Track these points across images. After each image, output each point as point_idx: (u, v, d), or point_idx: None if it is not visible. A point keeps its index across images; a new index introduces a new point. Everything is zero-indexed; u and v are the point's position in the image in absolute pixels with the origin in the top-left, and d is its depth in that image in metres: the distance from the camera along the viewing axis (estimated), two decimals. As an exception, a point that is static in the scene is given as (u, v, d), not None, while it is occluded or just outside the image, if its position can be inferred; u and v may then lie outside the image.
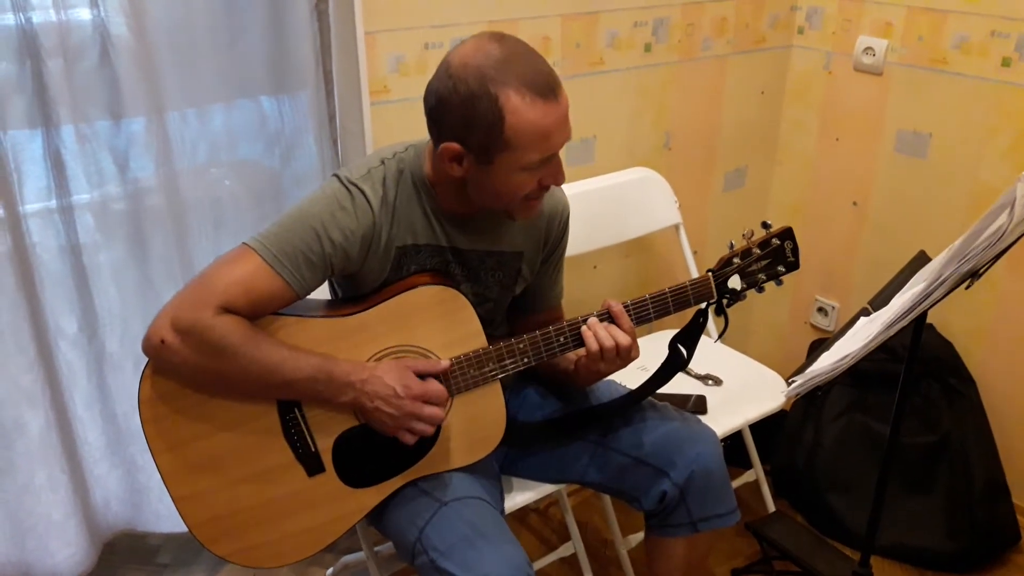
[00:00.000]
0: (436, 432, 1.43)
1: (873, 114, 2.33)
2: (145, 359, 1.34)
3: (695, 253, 2.24)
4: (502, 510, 1.52)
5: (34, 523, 1.72)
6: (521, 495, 1.63)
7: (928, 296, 1.29)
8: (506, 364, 1.43)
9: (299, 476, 1.41)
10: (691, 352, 1.53)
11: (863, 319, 1.52)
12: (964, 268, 1.25)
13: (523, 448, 1.62)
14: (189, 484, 1.38)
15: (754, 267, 1.49)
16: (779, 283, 1.52)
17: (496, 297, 1.53)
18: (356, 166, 1.40)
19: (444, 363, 1.39)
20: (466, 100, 1.26)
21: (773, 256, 1.50)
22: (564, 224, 1.57)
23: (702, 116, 2.37)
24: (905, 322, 1.32)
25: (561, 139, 1.32)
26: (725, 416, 1.88)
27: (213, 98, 1.68)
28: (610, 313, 1.43)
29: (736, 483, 2.09)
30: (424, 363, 1.38)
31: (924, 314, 1.36)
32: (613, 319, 1.43)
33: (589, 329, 1.42)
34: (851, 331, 1.51)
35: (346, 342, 1.38)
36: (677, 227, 2.22)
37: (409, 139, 1.45)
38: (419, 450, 1.43)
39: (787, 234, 1.50)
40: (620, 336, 1.41)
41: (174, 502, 1.38)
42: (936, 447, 2.14)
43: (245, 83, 1.70)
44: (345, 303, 1.45)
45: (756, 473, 2.22)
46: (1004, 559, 2.19)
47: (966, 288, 1.32)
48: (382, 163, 1.41)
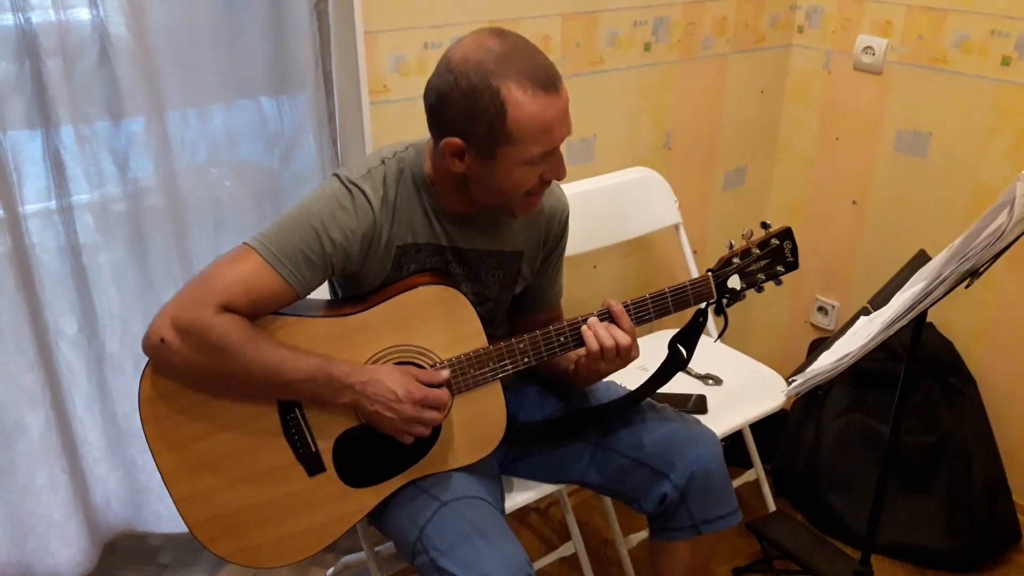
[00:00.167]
0: (436, 432, 1.43)
1: (873, 113, 2.33)
2: (145, 359, 1.34)
3: (695, 253, 2.24)
4: (502, 510, 1.51)
5: (35, 523, 1.72)
6: (521, 495, 1.63)
7: (928, 295, 1.29)
8: (506, 364, 1.43)
9: (299, 476, 1.41)
10: (691, 352, 1.53)
11: (863, 318, 1.52)
12: (964, 267, 1.25)
13: (523, 448, 1.62)
14: (189, 484, 1.38)
15: (753, 267, 1.49)
16: (778, 283, 1.52)
17: (496, 297, 1.53)
18: (356, 166, 1.40)
19: (444, 373, 1.39)
20: (468, 94, 1.26)
21: (772, 256, 1.50)
22: (564, 223, 1.57)
23: (702, 115, 2.37)
24: (905, 321, 1.32)
25: (562, 132, 1.32)
26: (725, 416, 1.88)
27: (213, 98, 1.68)
28: (610, 313, 1.43)
29: (736, 483, 2.08)
30: (426, 373, 1.38)
31: (924, 313, 1.36)
32: (613, 319, 1.43)
33: (589, 329, 1.42)
34: (851, 330, 1.51)
35: (346, 342, 1.38)
36: (677, 226, 2.22)
37: (409, 139, 1.45)
38: (419, 450, 1.43)
39: (786, 234, 1.50)
40: (620, 336, 1.41)
41: (174, 502, 1.38)
42: (936, 446, 2.14)
43: (245, 83, 1.70)
44: (345, 303, 1.45)
45: (756, 473, 2.22)
46: (1004, 558, 2.19)
47: (965, 287, 1.32)
48: (382, 163, 1.41)
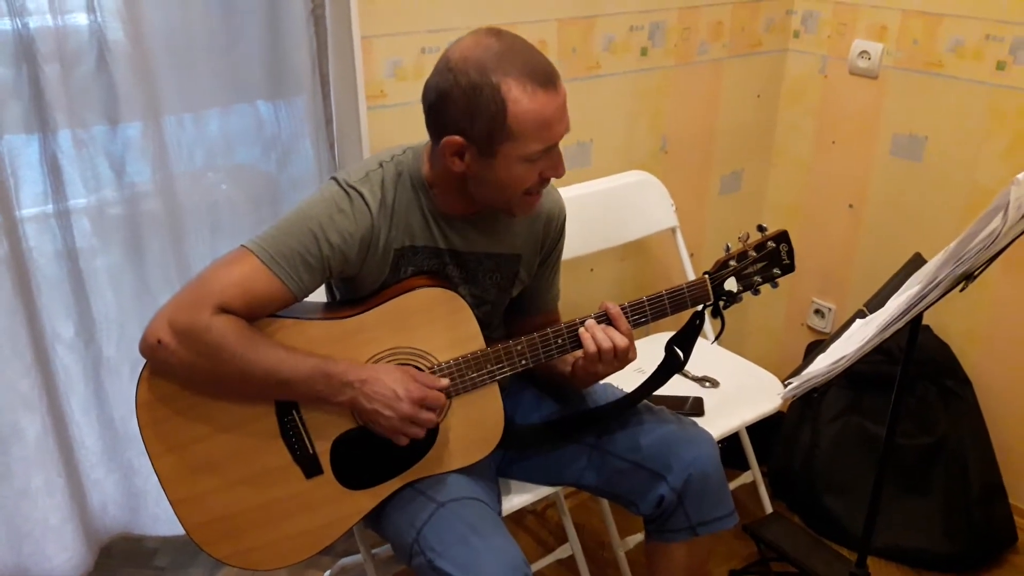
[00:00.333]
0: (434, 434, 1.43)
1: (869, 117, 2.34)
2: (142, 364, 1.34)
3: (692, 256, 2.25)
4: (499, 511, 1.52)
5: (31, 527, 1.72)
6: (518, 497, 1.63)
7: (923, 298, 1.29)
8: (504, 366, 1.43)
9: (297, 478, 1.41)
10: (687, 354, 1.53)
11: (859, 321, 1.52)
12: (959, 271, 1.25)
13: (520, 451, 1.62)
14: (187, 486, 1.38)
15: (750, 269, 1.50)
16: (774, 285, 1.53)
17: (494, 299, 1.54)
18: (354, 169, 1.41)
19: (444, 381, 1.39)
20: (468, 91, 1.27)
21: (769, 259, 1.50)
22: (561, 226, 1.58)
23: (698, 120, 2.37)
24: (900, 324, 1.33)
25: (561, 129, 1.33)
26: (722, 418, 1.89)
27: (210, 103, 1.68)
28: (608, 315, 1.44)
29: (733, 485, 2.09)
30: (426, 376, 1.38)
31: (920, 316, 1.37)
32: (611, 321, 1.44)
33: (587, 331, 1.42)
34: (847, 333, 1.51)
35: (344, 344, 1.38)
36: (674, 230, 2.22)
37: (406, 143, 1.45)
38: (417, 452, 1.43)
39: (782, 237, 1.51)
40: (618, 338, 1.42)
41: (172, 505, 1.38)
42: (933, 448, 2.14)
43: (242, 88, 1.70)
44: (343, 305, 1.45)
45: (753, 475, 2.22)
46: (1001, 560, 2.19)
47: (960, 291, 1.33)
48: (380, 166, 1.41)
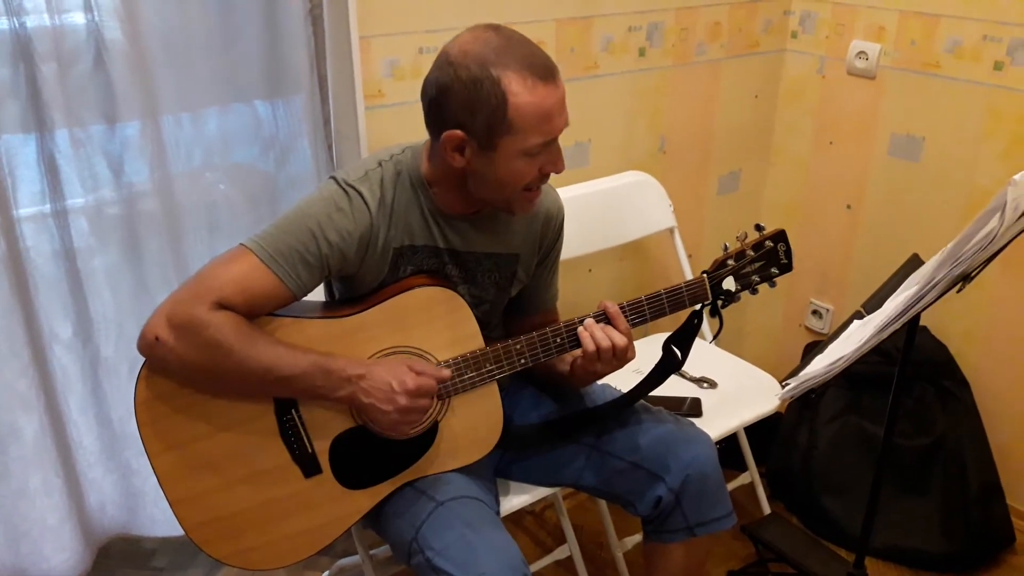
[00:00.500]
0: (433, 434, 1.43)
1: (867, 118, 2.34)
2: (140, 363, 1.34)
3: (690, 256, 2.25)
4: (498, 511, 1.52)
5: (29, 528, 1.71)
6: (516, 498, 1.63)
7: (920, 299, 1.29)
8: (503, 365, 1.43)
9: (296, 477, 1.41)
10: (685, 353, 1.54)
11: (857, 322, 1.52)
12: (956, 271, 1.25)
13: (518, 451, 1.62)
14: (185, 486, 1.38)
15: (748, 269, 1.50)
16: (772, 284, 1.53)
17: (492, 299, 1.54)
18: (353, 168, 1.41)
19: (445, 372, 1.39)
20: (468, 85, 1.27)
21: (767, 258, 1.51)
22: (559, 226, 1.58)
23: (696, 120, 2.37)
24: (898, 325, 1.33)
25: (561, 122, 1.33)
26: (720, 419, 1.89)
27: (207, 102, 1.68)
28: (606, 314, 1.44)
29: (731, 486, 2.09)
30: (429, 368, 1.38)
31: (917, 317, 1.37)
32: (609, 320, 1.44)
33: (586, 330, 1.43)
34: (845, 334, 1.51)
35: (343, 343, 1.38)
36: (672, 230, 2.22)
37: (405, 142, 1.45)
38: (416, 451, 1.43)
39: (780, 236, 1.51)
40: (616, 337, 1.42)
41: (170, 504, 1.38)
42: (931, 449, 2.15)
43: (239, 87, 1.70)
44: (342, 304, 1.45)
45: (751, 475, 2.22)
46: (999, 560, 2.20)
47: (957, 291, 1.33)
48: (379, 165, 1.41)
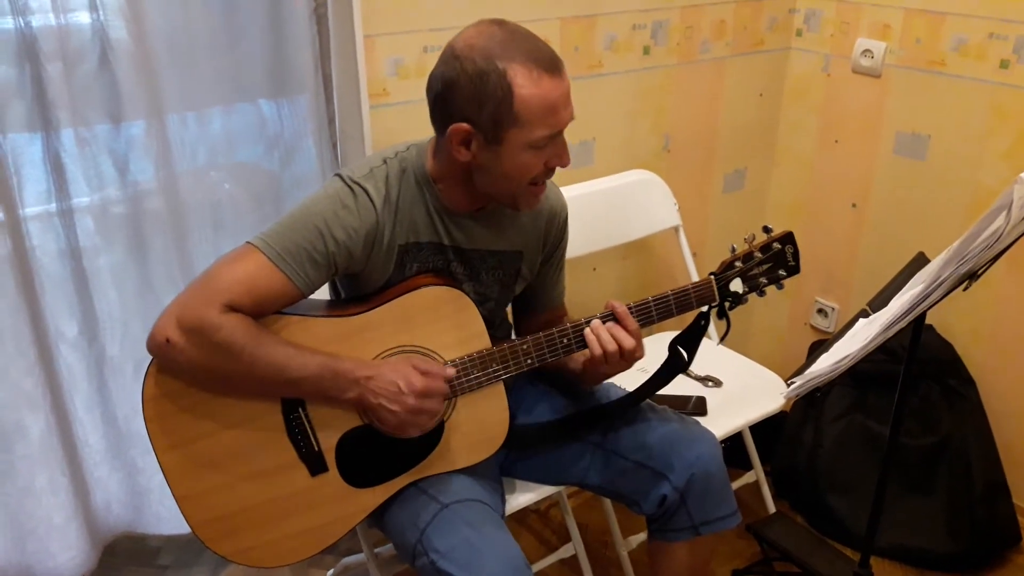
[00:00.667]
0: (439, 433, 1.43)
1: (872, 116, 2.33)
2: (146, 362, 1.34)
3: (694, 255, 2.25)
4: (503, 512, 1.51)
5: (35, 526, 1.72)
6: (522, 496, 1.64)
7: (926, 298, 1.29)
8: (509, 366, 1.43)
9: (302, 476, 1.41)
10: (692, 354, 1.53)
11: (862, 320, 1.52)
12: (962, 270, 1.25)
13: (523, 450, 1.62)
14: (192, 483, 1.38)
15: (755, 271, 1.50)
16: (780, 287, 1.53)
17: (497, 297, 1.54)
18: (358, 165, 1.41)
19: (450, 370, 1.39)
20: (475, 78, 1.27)
21: (774, 260, 1.50)
22: (563, 224, 1.58)
23: (701, 118, 2.37)
24: (903, 323, 1.33)
25: (567, 115, 1.34)
26: (725, 417, 1.89)
27: (212, 101, 1.69)
28: (614, 314, 1.44)
29: (736, 484, 2.09)
30: (435, 367, 1.38)
31: (923, 315, 1.37)
32: (617, 320, 1.44)
33: (592, 333, 1.43)
34: (850, 332, 1.51)
35: (350, 342, 1.38)
36: (676, 229, 2.22)
37: (410, 140, 1.45)
38: (422, 451, 1.43)
39: (788, 238, 1.51)
40: (623, 338, 1.42)
41: (176, 501, 1.38)
42: (936, 448, 2.14)
43: (244, 86, 1.70)
44: (349, 303, 1.45)
45: (756, 474, 2.22)
46: (1004, 559, 2.19)
47: (963, 290, 1.32)
48: (384, 162, 1.41)
